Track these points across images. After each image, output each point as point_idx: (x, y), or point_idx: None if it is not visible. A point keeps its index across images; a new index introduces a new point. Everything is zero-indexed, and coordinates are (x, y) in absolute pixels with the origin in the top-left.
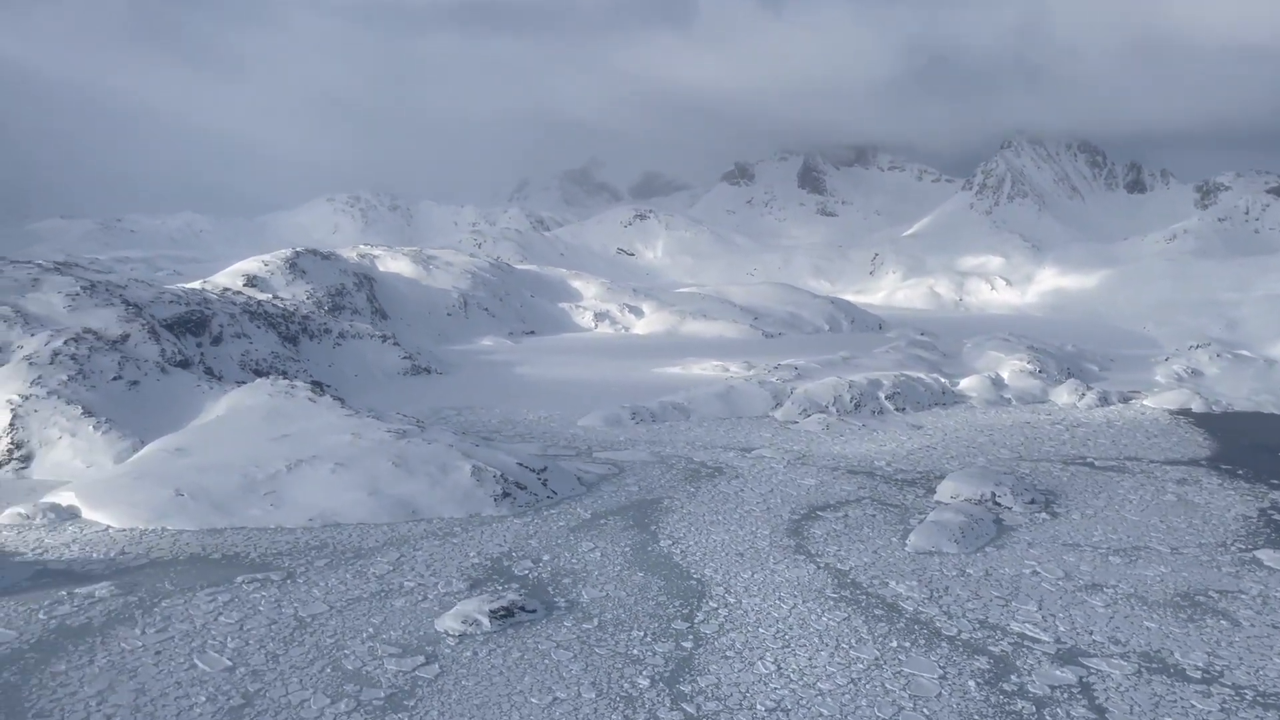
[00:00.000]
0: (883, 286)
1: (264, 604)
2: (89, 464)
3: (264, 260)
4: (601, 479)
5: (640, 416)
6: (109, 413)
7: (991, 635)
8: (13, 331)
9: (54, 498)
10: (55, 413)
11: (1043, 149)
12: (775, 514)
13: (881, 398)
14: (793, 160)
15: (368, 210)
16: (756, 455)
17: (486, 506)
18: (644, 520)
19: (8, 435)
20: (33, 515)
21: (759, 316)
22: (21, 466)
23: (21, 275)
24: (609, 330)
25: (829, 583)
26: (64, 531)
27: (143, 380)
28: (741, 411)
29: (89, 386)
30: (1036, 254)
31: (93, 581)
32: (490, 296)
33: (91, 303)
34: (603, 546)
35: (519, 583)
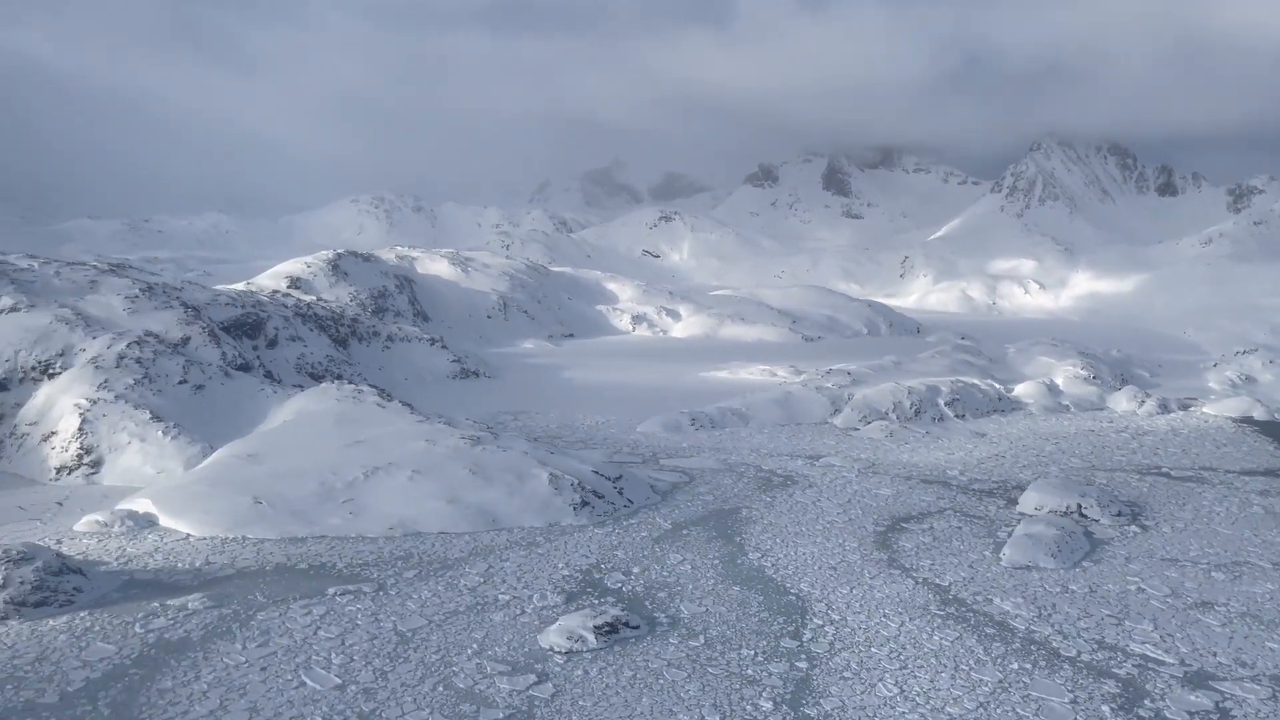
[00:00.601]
0: (914, 290)
1: (361, 617)
2: (159, 470)
3: (306, 262)
4: (674, 487)
5: (700, 422)
6: (176, 417)
7: (1113, 657)
8: (74, 334)
9: (130, 505)
10: (123, 417)
11: (1072, 151)
12: (859, 526)
13: (941, 404)
14: (817, 162)
15: (392, 211)
16: (825, 464)
17: (566, 515)
18: (726, 531)
19: (77, 440)
20: (111, 523)
21: (797, 320)
22: (91, 472)
23: (79, 277)
24: (647, 333)
25: (931, 599)
26: (144, 540)
27: (207, 384)
28: (800, 418)
29: (155, 391)
30: (1069, 257)
31: (183, 593)
32: (529, 299)
33: (150, 305)
34: (691, 559)
35: (614, 596)
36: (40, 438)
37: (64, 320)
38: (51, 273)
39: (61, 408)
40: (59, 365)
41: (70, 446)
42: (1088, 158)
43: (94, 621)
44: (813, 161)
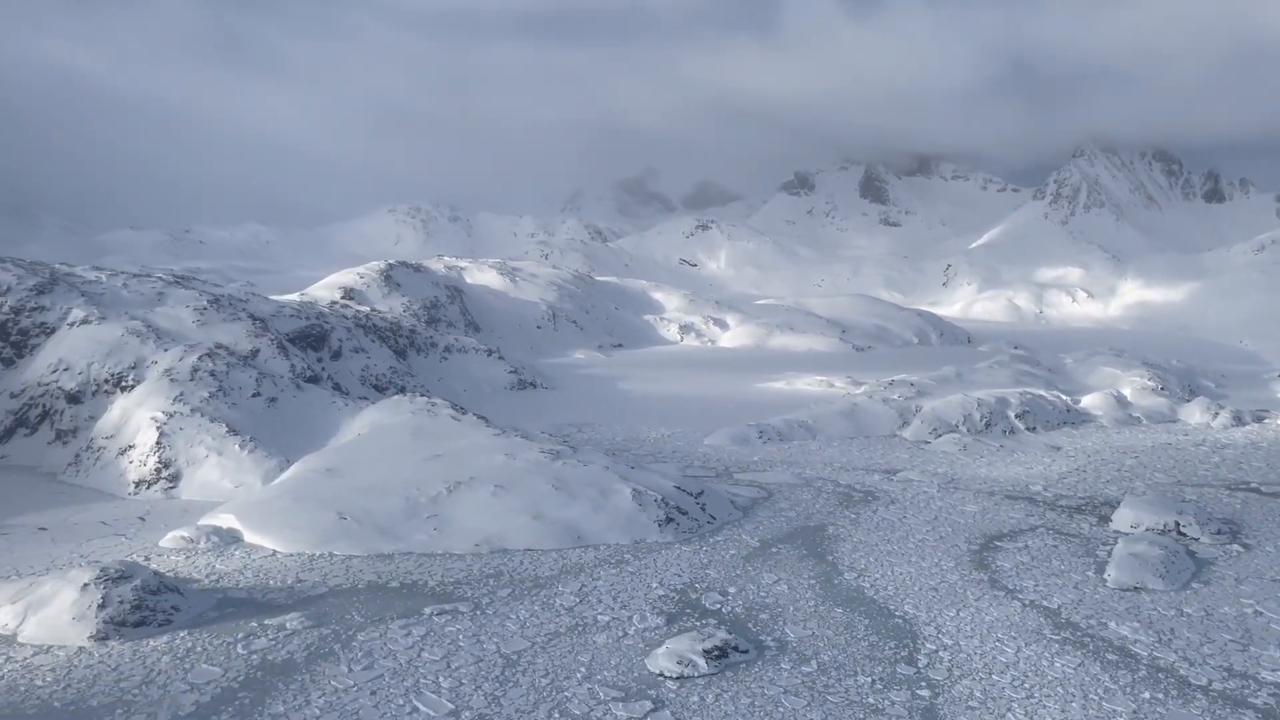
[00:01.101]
0: (958, 298)
1: (463, 638)
2: (237, 484)
3: (359, 273)
4: (754, 503)
5: (767, 435)
6: (252, 430)
7: (1246, 685)
8: (145, 346)
9: (214, 520)
10: (200, 431)
11: (1116, 157)
12: (951, 544)
13: (1011, 416)
14: (853, 170)
15: (428, 221)
16: (903, 478)
17: (651, 532)
18: (816, 549)
19: (155, 454)
20: (196, 539)
21: (846, 330)
22: (170, 486)
23: (147, 289)
24: (695, 343)
25: (1043, 623)
26: (231, 556)
27: (280, 397)
28: (868, 430)
29: (230, 404)
30: (1117, 265)
31: (279, 612)
32: (577, 309)
33: (219, 317)
34: (786, 579)
35: (715, 618)
36: (117, 451)
37: (135, 333)
38: (120, 285)
39: (138, 421)
40: (131, 378)
41: (148, 460)
42: (1132, 164)
43: (195, 642)
44: (849, 169)
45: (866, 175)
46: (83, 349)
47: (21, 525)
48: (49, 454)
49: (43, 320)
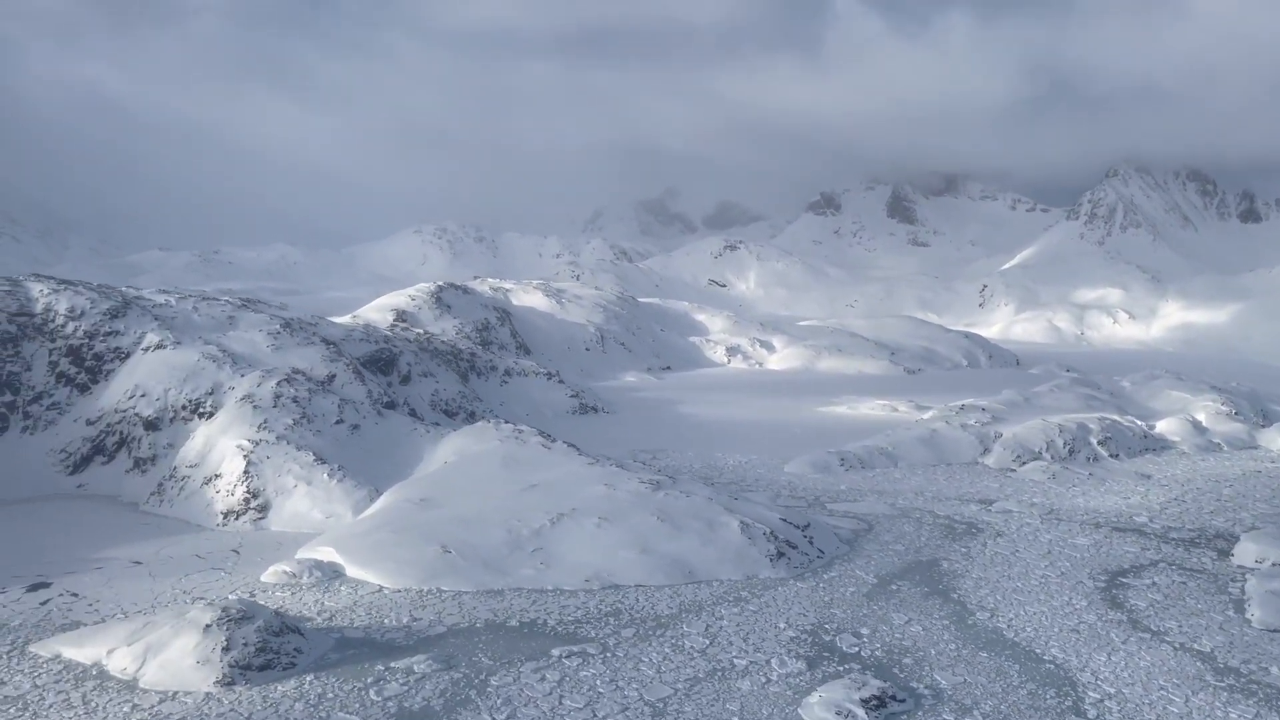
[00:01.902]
0: (996, 319)
1: (600, 684)
2: (328, 515)
3: (410, 295)
4: (856, 535)
5: (849, 463)
6: (338, 459)
7: None
8: (222, 372)
9: (312, 554)
10: (287, 459)
11: (1150, 177)
12: (1074, 580)
13: (1094, 443)
14: (880, 190)
15: (455, 242)
16: (1000, 509)
17: (763, 567)
18: (937, 586)
19: (243, 483)
20: (298, 574)
21: (895, 352)
22: (259, 517)
23: (217, 313)
24: (742, 365)
25: (1202, 669)
26: (338, 592)
27: (362, 424)
28: (949, 457)
29: (314, 431)
30: (1157, 286)
31: (403, 653)
32: (623, 330)
33: (293, 341)
34: (918, 619)
35: (856, 663)
36: (202, 480)
37: (211, 358)
38: (190, 308)
39: (222, 449)
40: (209, 404)
41: (236, 490)
42: (1166, 184)
43: (324, 687)
44: (876, 189)
45: (894, 195)
46: (159, 375)
47: (114, 559)
48: (128, 483)
49: (117, 345)
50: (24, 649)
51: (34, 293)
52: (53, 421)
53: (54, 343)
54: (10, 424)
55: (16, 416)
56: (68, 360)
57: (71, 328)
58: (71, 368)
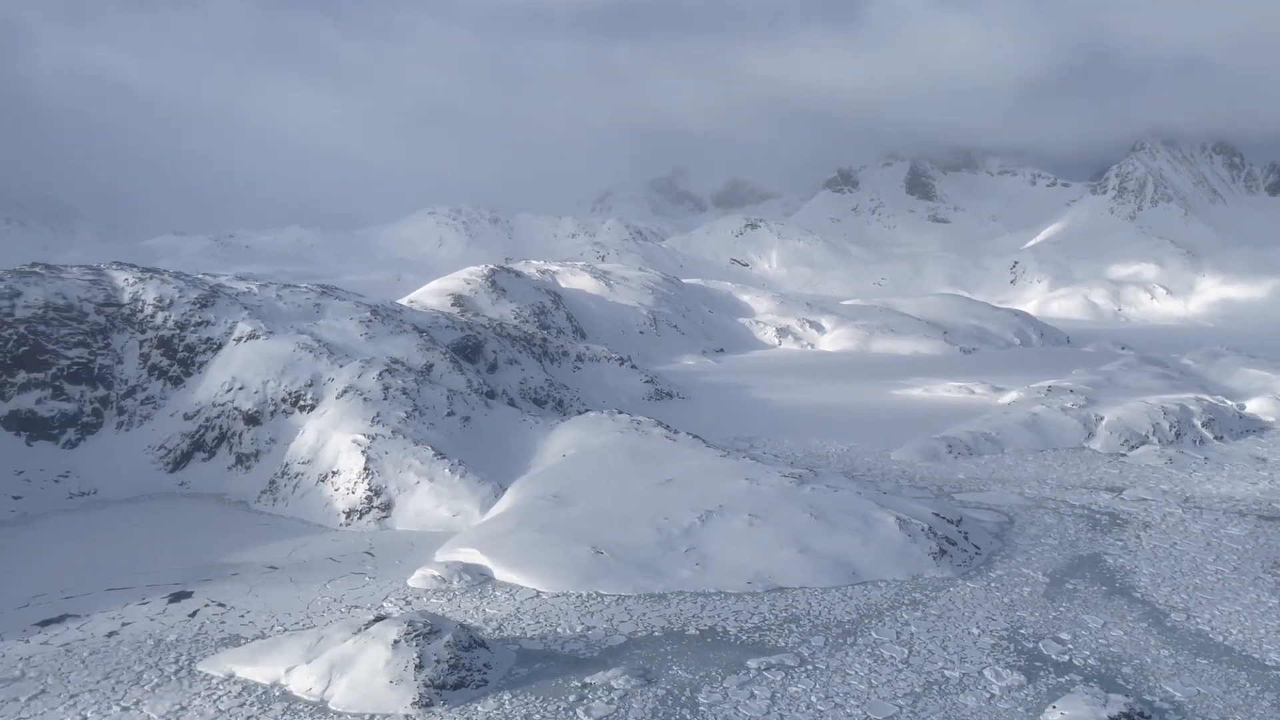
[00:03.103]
0: (1030, 296)
1: (816, 700)
2: (454, 513)
3: (464, 279)
4: (1000, 528)
5: (956, 450)
6: (456, 453)
7: None
8: (320, 362)
9: (454, 555)
10: (406, 455)
11: (1177, 150)
12: (1251, 575)
13: (1198, 425)
14: (897, 166)
15: (470, 223)
16: (1133, 497)
17: (927, 566)
18: (1113, 584)
19: (364, 481)
20: (447, 578)
21: (948, 331)
22: (382, 516)
23: (302, 300)
24: (794, 347)
25: None
26: (495, 599)
27: (472, 415)
28: (1054, 442)
29: (428, 424)
30: (1192, 261)
31: (591, 666)
32: (674, 313)
33: (385, 330)
34: (1113, 622)
35: (1076, 673)
36: (317, 478)
37: (307, 348)
38: (274, 296)
39: (337, 445)
40: (310, 396)
41: (356, 488)
42: (1193, 157)
43: (527, 708)
44: (893, 165)
45: (912, 171)
46: (255, 366)
47: (246, 564)
48: (232, 480)
49: (208, 336)
50: (191, 668)
51: (119, 282)
52: (148, 417)
53: (144, 334)
54: (105, 420)
55: (110, 412)
56: (159, 352)
57: (161, 318)
58: (164, 360)
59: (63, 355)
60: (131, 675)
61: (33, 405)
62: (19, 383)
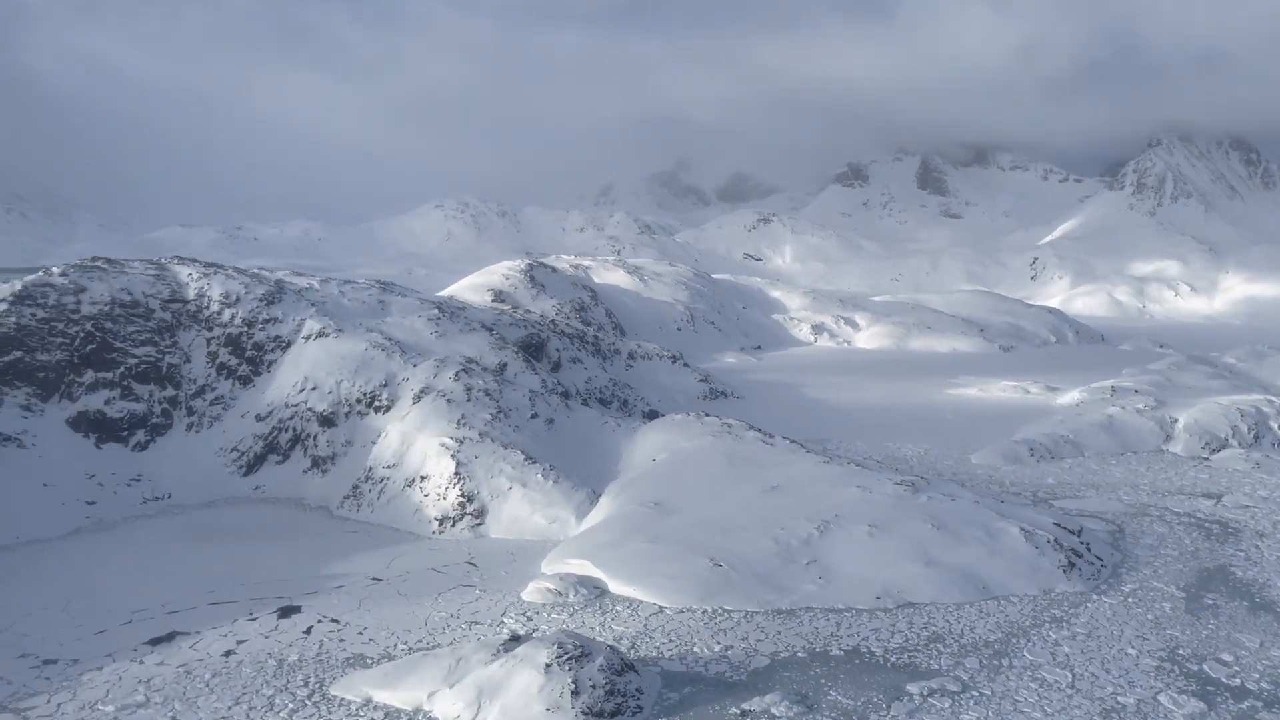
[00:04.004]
0: (1052, 293)
1: None
2: (550, 520)
3: (504, 274)
4: (1113, 538)
5: (1038, 453)
6: (545, 457)
7: None
8: (393, 361)
9: (562, 567)
10: (496, 459)
11: (1194, 146)
12: None
13: (1275, 428)
14: (908, 160)
15: (478, 217)
16: (1235, 504)
17: (1057, 580)
18: (1253, 599)
19: (455, 486)
20: (563, 591)
21: (983, 328)
22: (476, 523)
23: (366, 297)
24: (830, 344)
25: None
26: (617, 614)
27: (555, 417)
28: (1132, 444)
29: (513, 427)
30: (1215, 258)
31: (744, 692)
32: (710, 309)
33: (454, 327)
34: (1273, 641)
35: (1254, 699)
36: (404, 483)
37: (379, 346)
38: (336, 292)
39: (423, 448)
40: (385, 397)
41: (448, 494)
42: (1209, 153)
43: None
44: (903, 160)
45: (923, 166)
46: (327, 365)
47: (348, 575)
48: (308, 484)
49: (276, 333)
50: (324, 691)
51: (183, 277)
52: (217, 417)
53: (211, 331)
54: (174, 421)
55: (180, 413)
56: (227, 350)
57: (228, 315)
58: (232, 358)
59: (130, 353)
60: (263, 700)
61: (101, 406)
62: (87, 382)
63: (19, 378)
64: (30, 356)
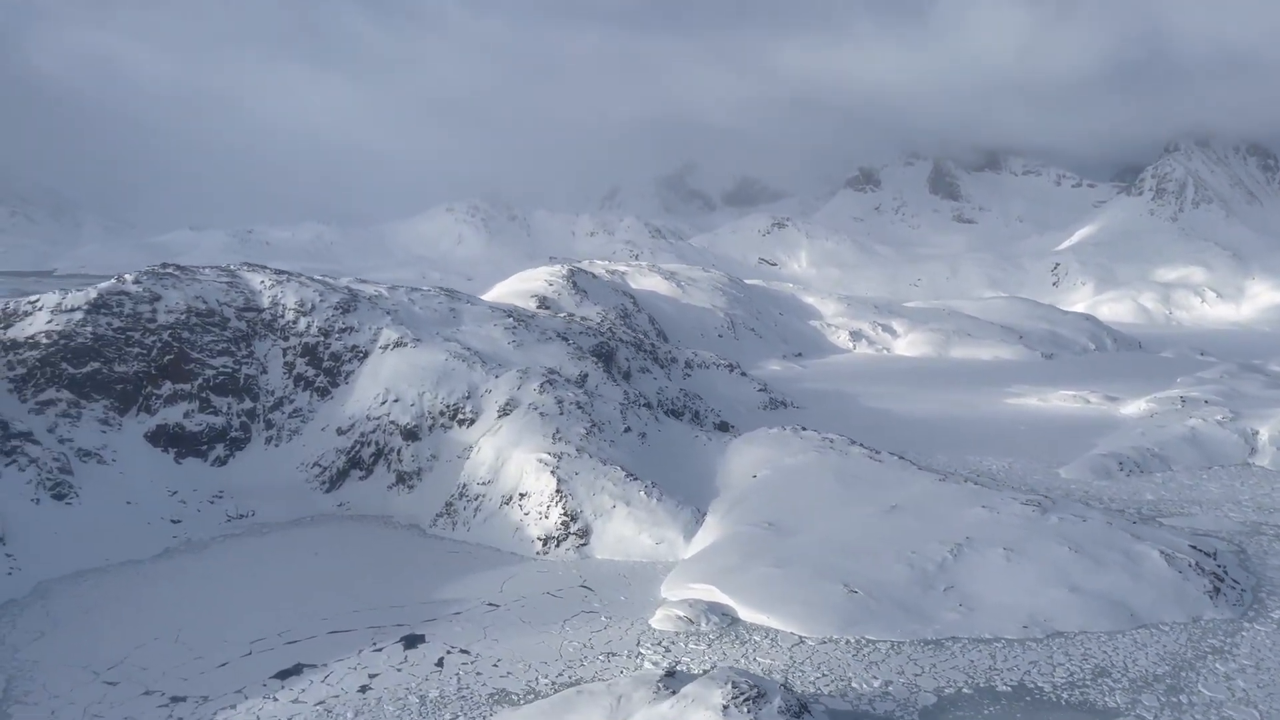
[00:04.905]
0: (1075, 299)
1: None
2: (658, 540)
3: (547, 279)
4: (1239, 559)
5: (1127, 467)
6: (642, 473)
7: None
8: (475, 372)
9: (685, 592)
10: (596, 475)
11: (1211, 152)
12: None
13: None
14: (919, 165)
15: (489, 220)
16: None
17: (1204, 606)
18: None
19: (557, 504)
20: (694, 619)
21: (1023, 335)
22: (581, 543)
23: (437, 305)
24: (869, 351)
25: None
26: (757, 644)
27: (647, 431)
28: (1218, 458)
29: (609, 442)
30: (1240, 264)
31: None
32: (748, 315)
33: (531, 337)
34: None
35: None
36: (501, 500)
37: (459, 357)
38: (406, 299)
39: (519, 464)
40: (469, 409)
41: (550, 512)
42: (1227, 159)
43: None
44: (915, 164)
45: (935, 170)
46: (408, 376)
47: (463, 600)
48: (394, 500)
49: (353, 343)
50: None
51: (255, 284)
52: (296, 431)
53: (287, 341)
54: (253, 434)
55: (258, 426)
56: (304, 361)
57: (304, 324)
58: (309, 369)
59: (208, 364)
60: None
61: (180, 419)
62: (165, 394)
63: (96, 390)
64: (108, 368)
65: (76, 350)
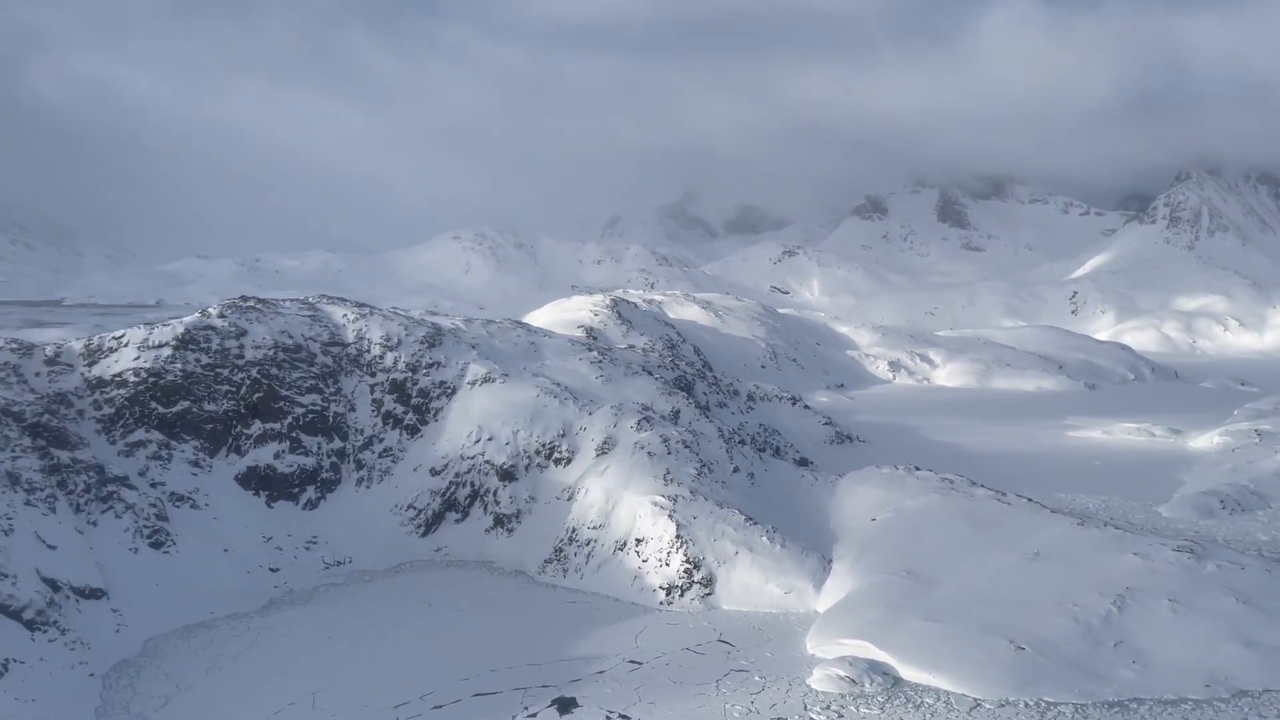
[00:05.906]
0: (1097, 327)
1: None
2: (786, 590)
3: (591, 310)
4: None
5: (1228, 505)
6: (760, 516)
7: None
8: (567, 409)
9: (838, 650)
10: (715, 520)
11: (1223, 180)
12: None
13: None
14: (926, 193)
15: (496, 249)
16: None
17: None
18: None
19: (679, 551)
20: (856, 679)
21: (1062, 365)
22: (705, 593)
23: (516, 338)
24: (909, 381)
25: None
26: (930, 708)
27: (755, 471)
28: None
29: (720, 483)
30: (1261, 293)
31: None
32: (788, 345)
33: (618, 371)
34: None
35: None
36: (614, 546)
37: (551, 393)
38: (484, 332)
39: (632, 508)
40: (565, 448)
41: (671, 559)
42: (1238, 187)
43: None
44: (921, 192)
45: (942, 199)
46: (500, 414)
47: (602, 657)
48: (493, 545)
49: (441, 379)
50: None
51: (338, 318)
52: (387, 471)
53: (374, 377)
54: (343, 475)
55: (348, 466)
56: (392, 398)
57: (391, 359)
58: (397, 406)
59: (297, 402)
60: None
61: (271, 460)
62: (255, 434)
63: (186, 430)
64: (198, 406)
65: (166, 389)
